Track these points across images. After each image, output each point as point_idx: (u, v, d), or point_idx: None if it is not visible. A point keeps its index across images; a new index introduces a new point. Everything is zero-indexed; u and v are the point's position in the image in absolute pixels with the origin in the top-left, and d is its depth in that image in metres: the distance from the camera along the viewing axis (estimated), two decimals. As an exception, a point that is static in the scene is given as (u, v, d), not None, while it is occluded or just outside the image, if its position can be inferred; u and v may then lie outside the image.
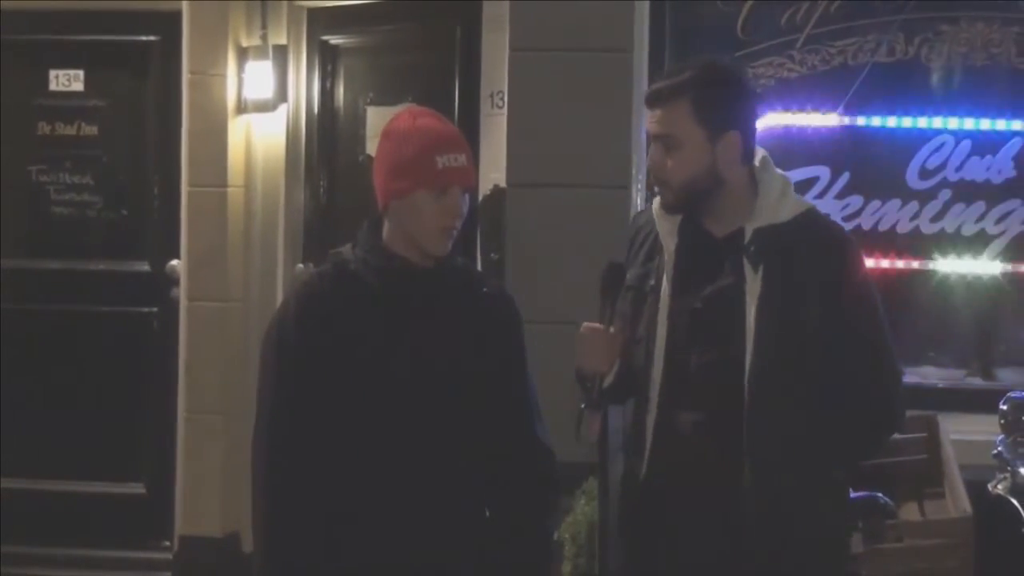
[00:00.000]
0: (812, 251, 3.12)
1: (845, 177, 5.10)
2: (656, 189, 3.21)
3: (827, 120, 5.11)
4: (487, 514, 3.14)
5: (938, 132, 5.08)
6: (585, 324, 3.12)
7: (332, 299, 3.05)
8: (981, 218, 5.06)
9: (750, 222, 3.12)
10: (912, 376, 5.12)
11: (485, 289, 3.18)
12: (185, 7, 6.31)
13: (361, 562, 3.02)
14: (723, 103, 3.13)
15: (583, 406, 3.11)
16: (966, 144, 5.06)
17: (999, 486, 4.02)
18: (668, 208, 3.18)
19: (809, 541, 3.13)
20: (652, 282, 3.19)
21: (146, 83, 6.60)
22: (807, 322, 3.07)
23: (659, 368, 3.15)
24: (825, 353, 3.09)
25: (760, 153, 3.21)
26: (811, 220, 3.19)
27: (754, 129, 3.21)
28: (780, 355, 3.07)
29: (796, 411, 3.09)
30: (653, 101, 3.15)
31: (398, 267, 3.06)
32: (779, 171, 3.25)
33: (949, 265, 5.09)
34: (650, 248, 3.24)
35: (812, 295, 3.08)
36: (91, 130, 6.63)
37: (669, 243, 3.18)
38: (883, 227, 5.10)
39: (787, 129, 5.13)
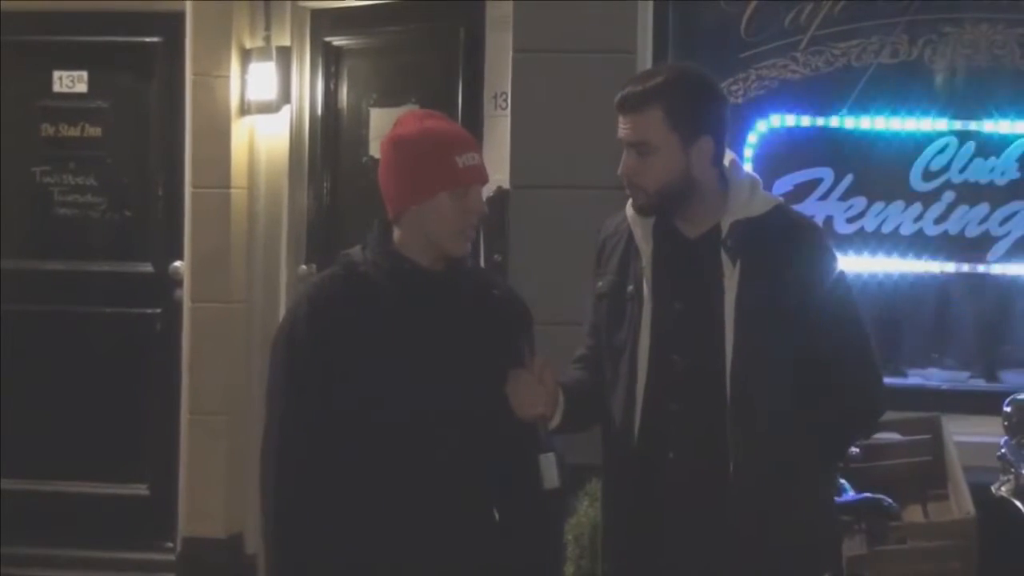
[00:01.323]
0: (785, 243, 3.14)
1: (849, 179, 5.10)
2: (628, 192, 3.21)
3: (831, 122, 5.10)
4: (496, 517, 3.14)
5: (942, 134, 5.08)
6: (510, 373, 3.09)
7: (343, 301, 3.05)
8: (985, 220, 5.06)
9: (725, 217, 3.14)
10: (916, 378, 5.13)
11: (495, 292, 3.19)
12: (189, 8, 6.32)
13: (371, 566, 3.02)
14: (696, 109, 3.14)
15: (539, 454, 3.07)
16: (970, 146, 5.06)
17: (1003, 488, 4.01)
18: (641, 211, 3.19)
19: (793, 540, 3.13)
20: (631, 288, 3.20)
21: (150, 84, 6.61)
22: (785, 314, 3.08)
23: (644, 371, 3.16)
24: (804, 344, 3.10)
25: (729, 155, 3.23)
26: (782, 214, 3.21)
27: (724, 132, 3.22)
28: (760, 351, 3.08)
29: (779, 406, 3.10)
30: (625, 107, 3.15)
31: (409, 270, 3.06)
32: (747, 171, 3.28)
33: (953, 267, 5.09)
34: (622, 255, 3.24)
35: (787, 286, 3.09)
36: (95, 131, 6.64)
37: (645, 247, 3.19)
38: (887, 229, 5.09)
39: (791, 130, 5.12)
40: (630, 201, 3.22)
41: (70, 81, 6.63)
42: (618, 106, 3.16)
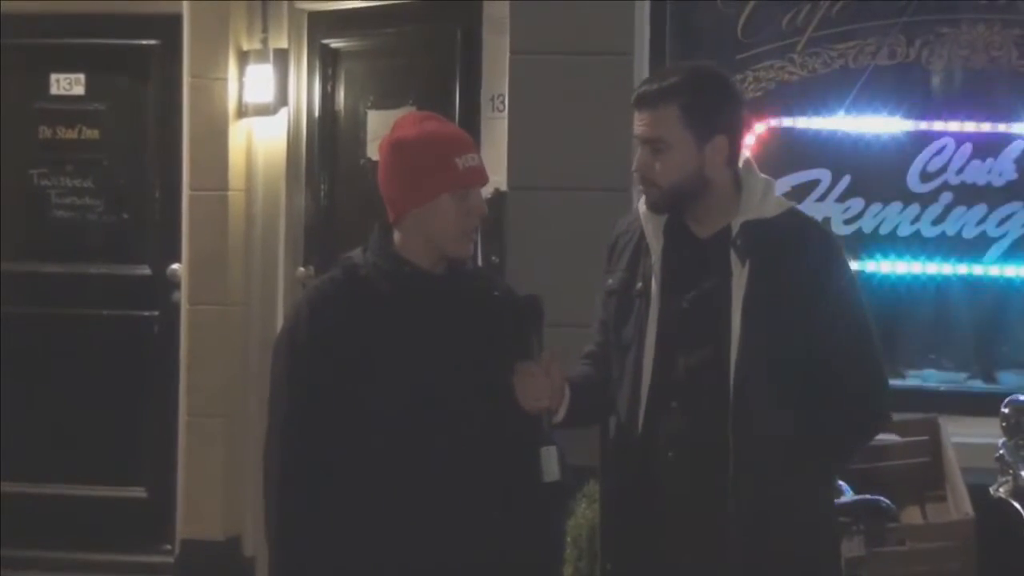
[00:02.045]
0: (797, 246, 3.14)
1: (846, 180, 5.10)
2: (642, 188, 3.22)
3: (828, 123, 5.10)
4: (499, 515, 3.13)
5: (939, 135, 5.08)
6: (518, 365, 3.09)
7: (344, 304, 3.06)
8: (982, 221, 5.06)
9: (736, 218, 3.15)
10: (914, 379, 5.13)
11: (496, 293, 3.19)
12: (186, 10, 6.32)
13: (374, 565, 3.02)
14: (712, 107, 3.16)
15: (540, 447, 3.07)
16: (967, 147, 5.06)
17: (1001, 489, 4.01)
18: (654, 207, 3.20)
19: (791, 541, 3.13)
20: (639, 285, 3.20)
21: (147, 87, 6.61)
22: (792, 317, 3.08)
23: (648, 370, 3.16)
24: (810, 349, 3.10)
25: (744, 156, 3.25)
26: (794, 217, 3.22)
27: (740, 133, 3.24)
28: (765, 352, 3.08)
29: (781, 409, 3.09)
30: (642, 104, 3.17)
31: (409, 272, 3.07)
32: (762, 174, 3.28)
33: (950, 268, 5.09)
34: (633, 252, 3.25)
35: (797, 290, 3.09)
36: (92, 134, 6.64)
37: (656, 245, 3.20)
38: (884, 230, 5.10)
39: (788, 132, 5.12)
40: (643, 198, 3.23)
41: (67, 83, 6.63)
42: (635, 102, 3.18)
